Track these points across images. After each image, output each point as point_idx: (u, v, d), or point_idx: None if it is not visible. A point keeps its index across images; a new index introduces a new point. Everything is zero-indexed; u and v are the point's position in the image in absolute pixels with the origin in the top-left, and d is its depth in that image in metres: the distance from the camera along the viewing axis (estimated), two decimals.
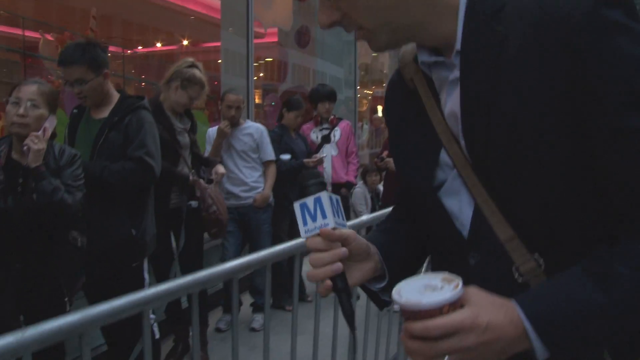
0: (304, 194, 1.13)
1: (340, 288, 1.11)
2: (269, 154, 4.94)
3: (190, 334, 4.41)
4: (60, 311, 2.79)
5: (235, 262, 2.15)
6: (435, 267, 1.24)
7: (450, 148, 1.10)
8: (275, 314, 4.78)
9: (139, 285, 3.32)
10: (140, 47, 6.92)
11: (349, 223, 2.92)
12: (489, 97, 1.01)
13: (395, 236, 1.38)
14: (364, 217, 3.55)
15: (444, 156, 1.12)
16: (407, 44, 1.18)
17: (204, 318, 4.29)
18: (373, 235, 1.39)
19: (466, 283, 0.97)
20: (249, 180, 4.87)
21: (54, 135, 2.80)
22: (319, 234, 1.10)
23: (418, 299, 0.95)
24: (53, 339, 1.40)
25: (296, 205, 1.12)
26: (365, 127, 13.04)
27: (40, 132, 2.63)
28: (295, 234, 5.36)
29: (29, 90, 2.66)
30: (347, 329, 1.17)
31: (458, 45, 1.04)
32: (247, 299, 5.18)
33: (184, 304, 4.42)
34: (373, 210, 6.03)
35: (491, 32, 1.01)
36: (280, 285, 5.11)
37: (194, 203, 3.92)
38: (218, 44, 7.02)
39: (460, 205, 1.12)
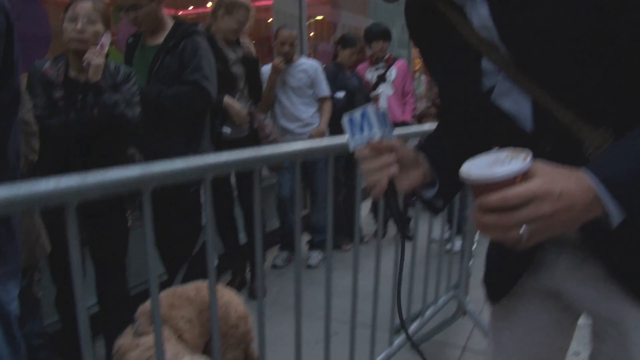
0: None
1: (388, 192, 1.17)
2: (324, 89, 4.87)
3: (248, 268, 4.48)
4: (123, 226, 2.85)
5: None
6: None
7: (491, 56, 1.13)
8: (333, 253, 4.78)
9: (197, 211, 3.36)
10: (191, 8, 6.89)
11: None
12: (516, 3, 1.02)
13: (443, 146, 1.41)
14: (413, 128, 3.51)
15: (485, 64, 1.15)
16: None
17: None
18: (421, 146, 1.42)
19: None
20: (304, 116, 4.82)
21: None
22: (367, 145, 1.16)
23: (491, 172, 0.96)
24: (112, 189, 1.42)
25: (344, 119, 1.18)
26: (422, 78, 12.75)
27: (98, 48, 2.64)
28: (352, 172, 5.39)
29: (85, 6, 2.66)
30: (407, 268, 1.18)
31: None
32: (304, 238, 5.21)
33: (242, 240, 4.48)
34: None
35: None
36: (336, 226, 5.10)
37: (225, 130, 3.88)
38: (270, 2, 6.92)
39: (516, 104, 1.15)
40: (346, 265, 2.75)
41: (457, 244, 4.52)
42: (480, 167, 0.99)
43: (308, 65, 4.86)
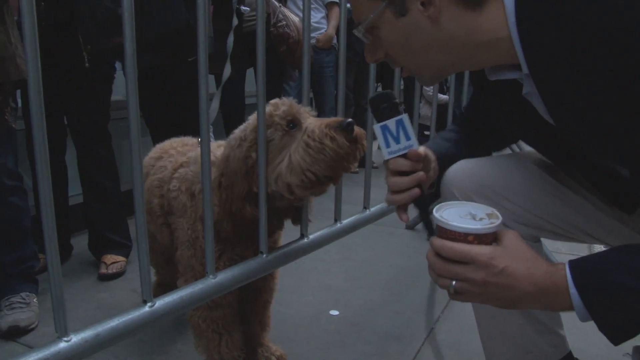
0: (381, 116, 1.17)
1: (420, 206, 1.21)
2: None
3: None
4: (79, 62, 2.62)
5: None
6: None
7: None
8: None
9: (195, 85, 3.13)
10: None
11: None
12: (573, 103, 0.99)
13: (458, 148, 1.47)
14: None
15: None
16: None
17: None
18: (434, 143, 1.48)
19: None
20: (311, 20, 4.60)
21: None
22: (403, 155, 1.17)
23: (450, 219, 1.00)
24: None
25: (377, 128, 1.16)
26: None
27: None
28: (360, 90, 5.20)
29: None
30: None
31: (525, 70, 1.03)
32: None
33: None
34: None
35: (554, 49, 0.96)
36: None
37: (244, 8, 3.63)
38: None
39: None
40: (355, 184, 2.56)
41: None
42: (454, 212, 1.04)
43: None
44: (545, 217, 1.37)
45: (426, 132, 4.07)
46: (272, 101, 1.52)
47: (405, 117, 1.16)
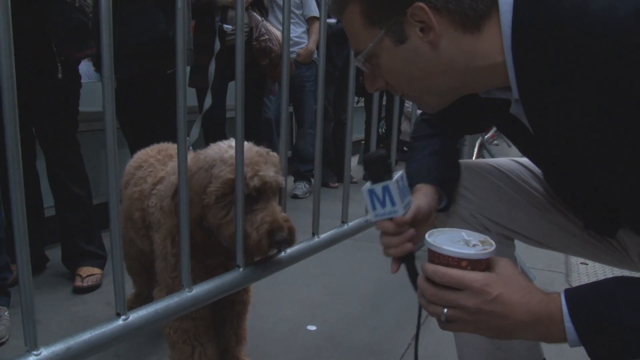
0: (374, 177, 1.17)
1: (408, 261, 1.20)
2: (313, 10, 4.68)
3: None
4: (51, 72, 2.59)
5: None
6: None
7: None
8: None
9: (173, 96, 3.13)
10: None
11: None
12: (559, 130, 1.01)
13: (449, 158, 1.46)
14: None
15: None
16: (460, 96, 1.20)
17: None
18: (425, 164, 1.45)
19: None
20: (292, 35, 4.63)
21: None
22: (389, 219, 1.16)
23: (443, 244, 0.99)
24: None
25: (364, 191, 1.17)
26: None
27: None
28: (340, 104, 5.22)
29: None
30: None
31: (516, 95, 1.04)
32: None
33: None
34: None
35: (545, 77, 0.98)
36: (323, 162, 4.94)
37: (227, 26, 3.63)
38: None
39: None
40: (335, 198, 2.56)
41: None
42: (447, 238, 1.03)
43: None
44: (517, 221, 1.40)
45: (405, 149, 4.11)
46: (256, 156, 1.56)
47: (391, 184, 1.15)
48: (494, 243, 1.01)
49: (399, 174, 1.19)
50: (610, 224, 1.27)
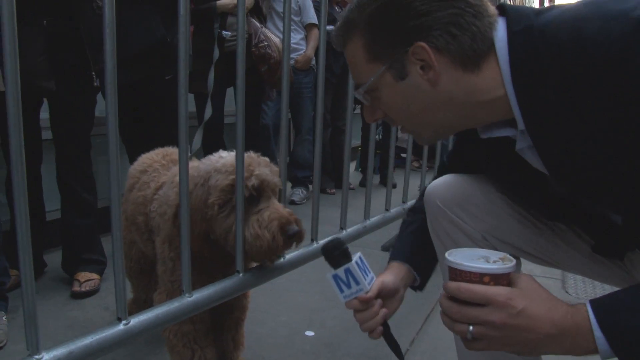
0: (333, 264, 1.27)
1: (384, 328, 1.29)
2: (312, 17, 4.71)
3: None
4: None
5: None
6: None
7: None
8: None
9: (171, 101, 3.14)
10: None
11: None
12: (569, 155, 1.01)
13: (426, 237, 1.48)
14: None
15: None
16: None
17: None
18: (403, 242, 1.53)
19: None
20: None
21: None
22: (356, 298, 1.25)
23: (464, 261, 0.99)
24: None
25: (329, 278, 1.26)
26: None
27: None
28: (337, 111, 5.22)
29: None
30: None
31: (521, 126, 1.05)
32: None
33: None
34: None
35: (549, 103, 0.98)
36: (321, 170, 4.95)
37: (226, 33, 3.65)
38: None
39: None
40: (333, 203, 2.58)
41: None
42: (466, 256, 1.02)
43: None
44: (519, 239, 1.39)
45: (403, 155, 4.11)
46: (248, 158, 1.58)
47: (351, 265, 1.24)
48: (513, 259, 1.02)
49: (357, 255, 1.27)
50: (619, 247, 1.27)
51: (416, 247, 1.48)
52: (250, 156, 1.61)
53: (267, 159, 1.65)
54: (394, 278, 1.37)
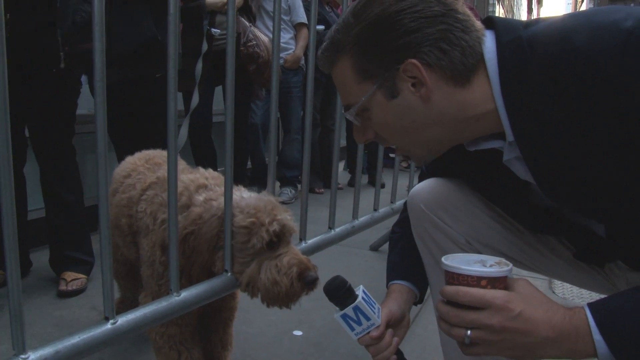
0: (339, 305, 1.26)
1: (398, 357, 1.32)
2: (301, 16, 4.72)
3: None
4: (54, 59, 2.55)
5: None
6: None
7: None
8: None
9: (160, 100, 3.12)
10: None
11: None
12: (557, 166, 1.02)
13: (416, 253, 1.48)
14: None
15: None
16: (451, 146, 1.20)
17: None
18: (398, 259, 1.53)
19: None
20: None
21: None
22: (368, 333, 1.25)
23: (461, 265, 1.00)
24: None
25: (338, 318, 1.26)
26: None
27: None
28: (326, 110, 5.22)
29: None
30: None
31: (510, 137, 1.05)
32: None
33: None
34: None
35: (539, 115, 0.99)
36: (310, 169, 4.94)
37: (215, 30, 3.64)
38: None
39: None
40: (321, 204, 2.57)
41: None
42: (463, 260, 1.03)
43: None
44: (504, 243, 1.41)
45: (391, 155, 4.13)
46: (269, 203, 1.57)
47: (360, 302, 1.23)
48: (509, 263, 1.02)
49: (360, 289, 1.27)
50: (600, 256, 1.29)
51: (411, 263, 1.48)
52: (272, 201, 1.60)
53: (283, 205, 1.64)
54: (399, 304, 1.38)
